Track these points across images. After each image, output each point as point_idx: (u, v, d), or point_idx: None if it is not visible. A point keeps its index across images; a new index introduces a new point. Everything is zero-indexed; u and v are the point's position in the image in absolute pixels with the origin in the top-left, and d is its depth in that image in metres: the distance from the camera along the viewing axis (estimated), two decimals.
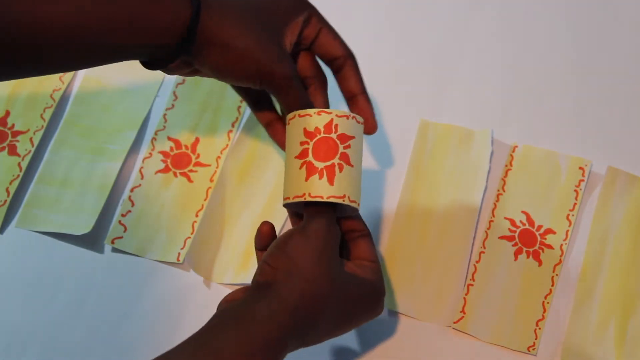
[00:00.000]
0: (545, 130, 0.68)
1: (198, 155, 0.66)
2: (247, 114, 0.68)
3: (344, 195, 0.48)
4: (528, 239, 0.63)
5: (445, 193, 0.64)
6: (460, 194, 0.64)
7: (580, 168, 0.65)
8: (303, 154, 0.49)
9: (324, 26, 0.53)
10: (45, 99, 0.67)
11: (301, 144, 0.49)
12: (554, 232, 0.63)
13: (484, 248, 0.62)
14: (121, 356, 0.58)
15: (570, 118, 0.69)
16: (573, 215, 0.64)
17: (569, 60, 0.72)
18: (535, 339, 0.59)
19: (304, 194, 0.48)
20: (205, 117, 0.67)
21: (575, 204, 0.64)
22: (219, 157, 0.66)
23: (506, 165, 0.66)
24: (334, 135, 0.49)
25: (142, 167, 0.65)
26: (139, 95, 0.68)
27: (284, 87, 0.49)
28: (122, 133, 0.66)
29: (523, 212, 0.64)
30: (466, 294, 0.60)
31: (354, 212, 0.51)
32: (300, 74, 0.53)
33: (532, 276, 0.61)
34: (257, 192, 0.64)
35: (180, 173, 0.65)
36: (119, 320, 0.60)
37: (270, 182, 0.65)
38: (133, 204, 0.63)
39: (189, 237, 0.62)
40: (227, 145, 0.66)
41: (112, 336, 0.59)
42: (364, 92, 0.53)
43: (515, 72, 0.71)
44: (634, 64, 0.72)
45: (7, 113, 0.67)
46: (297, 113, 0.50)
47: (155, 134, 0.66)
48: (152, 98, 0.68)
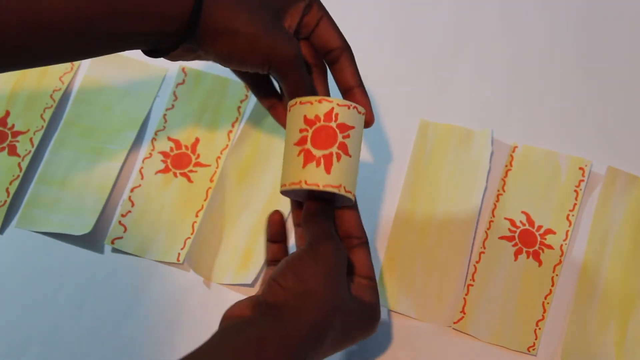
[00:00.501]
0: (545, 130, 0.68)
1: (198, 155, 0.66)
2: (247, 114, 0.68)
3: (340, 185, 0.48)
4: (528, 239, 0.63)
5: (445, 193, 0.64)
6: (460, 194, 0.64)
7: (580, 168, 0.65)
8: (302, 141, 0.49)
9: (324, 15, 0.52)
10: (45, 99, 0.67)
11: (300, 131, 0.49)
12: (554, 233, 0.63)
13: (484, 248, 0.62)
14: (121, 356, 0.58)
15: (570, 118, 0.69)
16: (573, 215, 0.64)
17: (569, 60, 0.72)
18: (535, 339, 0.59)
19: (300, 182, 0.48)
20: (205, 117, 0.67)
21: (575, 204, 0.64)
22: (219, 157, 0.66)
23: (506, 165, 0.66)
24: (333, 124, 0.48)
25: (142, 167, 0.65)
26: (139, 95, 0.68)
27: (291, 71, 0.49)
28: (122, 133, 0.66)
29: (523, 212, 0.64)
30: (466, 294, 0.60)
31: (348, 203, 0.50)
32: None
33: (532, 276, 0.61)
34: (257, 192, 0.64)
35: (180, 173, 0.65)
36: (119, 320, 0.60)
37: (270, 182, 0.65)
38: (133, 204, 0.63)
39: (189, 237, 0.62)
40: (227, 145, 0.66)
41: (112, 336, 0.59)
42: (361, 85, 0.53)
43: (515, 72, 0.71)
44: (634, 64, 0.72)
45: (7, 113, 0.67)
46: (298, 100, 0.50)
47: (155, 134, 0.66)
48: (152, 98, 0.68)
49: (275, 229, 0.52)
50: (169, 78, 0.69)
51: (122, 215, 0.63)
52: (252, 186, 0.65)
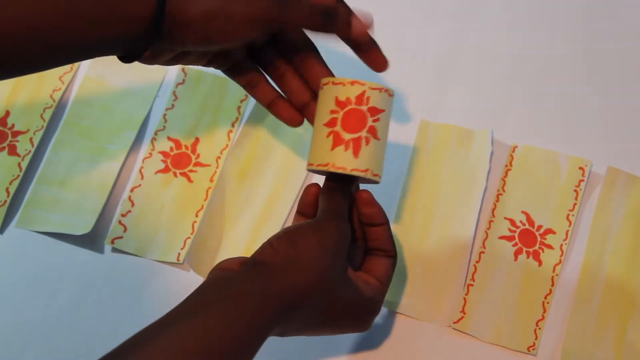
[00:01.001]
0: (545, 130, 0.68)
1: (198, 155, 0.66)
2: (247, 114, 0.68)
3: (368, 169, 0.49)
4: (528, 239, 0.63)
5: (445, 193, 0.64)
6: (460, 194, 0.64)
7: (580, 168, 0.65)
8: (331, 123, 0.49)
9: None
10: (45, 99, 0.67)
11: (331, 112, 0.49)
12: (554, 232, 0.63)
13: (484, 248, 0.62)
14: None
15: (570, 118, 0.69)
16: (573, 215, 0.63)
17: (569, 60, 0.72)
18: (535, 339, 0.59)
19: (327, 164, 0.49)
20: (205, 117, 0.67)
21: (575, 204, 0.64)
22: (219, 157, 0.66)
23: (506, 165, 0.66)
24: (364, 108, 0.49)
25: (142, 167, 0.65)
26: (139, 95, 0.68)
27: (280, 14, 0.47)
28: (122, 133, 0.66)
29: (523, 212, 0.64)
30: (466, 294, 0.60)
31: (374, 183, 0.51)
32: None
33: (532, 276, 0.61)
34: (257, 192, 0.64)
35: (180, 173, 0.65)
36: (119, 320, 0.60)
37: (270, 182, 0.65)
38: (133, 204, 0.63)
39: (189, 237, 0.62)
40: (227, 145, 0.66)
41: (112, 336, 0.59)
42: (372, 40, 0.53)
43: (515, 72, 0.71)
44: (634, 64, 0.71)
45: (7, 113, 0.67)
46: (331, 80, 0.50)
47: (155, 134, 0.66)
48: (152, 98, 0.68)
49: (308, 199, 0.51)
50: (169, 78, 0.69)
51: (122, 215, 0.63)
52: (252, 186, 0.65)
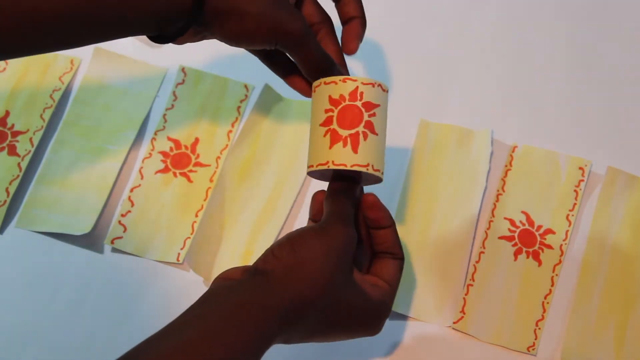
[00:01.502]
0: (545, 130, 0.68)
1: (198, 155, 0.66)
2: (246, 114, 0.68)
3: (368, 164, 0.48)
4: (528, 239, 0.63)
5: (445, 193, 0.64)
6: (460, 193, 0.64)
7: (580, 168, 0.65)
8: (327, 122, 0.49)
9: None
10: (45, 99, 0.67)
11: (326, 111, 0.49)
12: (554, 232, 0.63)
13: (484, 248, 0.62)
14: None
15: (570, 118, 0.69)
16: (573, 215, 0.64)
17: (569, 60, 0.72)
18: (535, 339, 0.59)
19: (327, 162, 0.48)
20: (205, 117, 0.67)
21: (575, 204, 0.64)
22: (218, 157, 0.66)
23: (506, 166, 0.66)
24: (359, 103, 0.49)
25: (142, 167, 0.65)
26: (139, 95, 0.68)
27: (299, 46, 0.49)
28: (122, 133, 0.66)
29: (523, 212, 0.64)
30: (466, 294, 0.60)
31: (377, 181, 0.51)
32: (307, 20, 0.52)
33: (532, 276, 0.61)
34: (257, 192, 0.64)
35: (180, 173, 0.65)
36: (119, 320, 0.60)
37: (270, 182, 0.65)
38: (133, 204, 0.63)
39: (189, 237, 0.62)
40: (227, 145, 0.66)
41: (112, 336, 0.59)
42: (362, 17, 0.53)
43: (515, 72, 0.71)
44: (633, 63, 0.72)
45: (7, 113, 0.67)
46: (322, 80, 0.50)
47: (155, 134, 0.66)
48: (152, 98, 0.68)
49: (317, 207, 0.51)
50: (169, 78, 0.69)
51: (122, 215, 0.63)
52: (252, 186, 0.65)
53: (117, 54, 0.70)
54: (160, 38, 0.49)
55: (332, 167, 0.48)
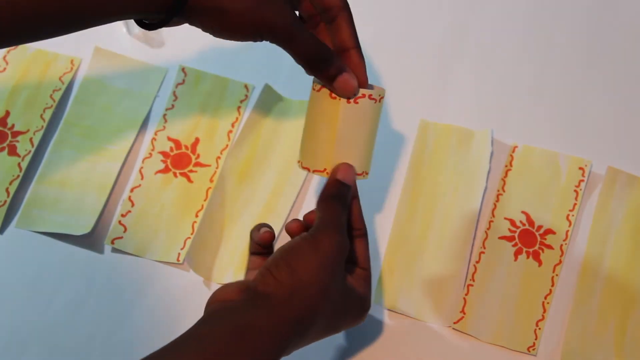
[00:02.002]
0: (545, 130, 0.68)
1: (198, 155, 0.66)
2: (247, 114, 0.68)
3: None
4: (528, 239, 0.63)
5: (445, 193, 0.64)
6: (460, 194, 0.64)
7: (580, 168, 0.65)
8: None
9: None
10: (45, 99, 0.67)
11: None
12: (554, 233, 0.63)
13: (484, 248, 0.62)
14: (121, 356, 0.58)
15: (570, 118, 0.69)
16: (573, 215, 0.63)
17: (569, 60, 0.72)
18: (535, 339, 0.59)
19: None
20: (205, 117, 0.67)
21: (575, 204, 0.64)
22: (219, 157, 0.66)
23: (506, 166, 0.66)
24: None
25: (142, 167, 0.65)
26: (139, 95, 0.68)
27: (286, 38, 0.48)
28: (122, 133, 0.66)
29: (523, 212, 0.64)
30: (466, 294, 0.60)
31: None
32: (325, 5, 0.50)
33: (532, 276, 0.61)
34: (257, 192, 0.64)
35: (180, 173, 0.65)
36: (119, 320, 0.60)
37: (270, 182, 0.65)
38: (133, 204, 0.63)
39: (189, 238, 0.62)
40: (227, 145, 0.66)
41: (112, 336, 0.59)
42: (357, 47, 0.51)
43: (515, 72, 0.71)
44: (633, 63, 0.72)
45: (7, 113, 0.67)
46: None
47: (155, 134, 0.66)
48: (152, 98, 0.68)
49: (259, 248, 0.51)
50: (169, 78, 0.69)
51: (122, 215, 0.63)
52: (252, 186, 0.65)
53: (117, 54, 0.70)
54: (143, 24, 0.49)
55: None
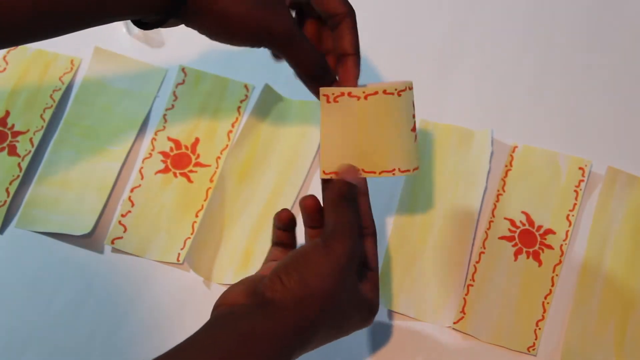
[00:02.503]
0: (545, 130, 0.68)
1: (198, 155, 0.66)
2: (247, 114, 0.68)
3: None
4: (528, 239, 0.63)
5: (445, 193, 0.64)
6: (460, 194, 0.64)
7: (580, 168, 0.65)
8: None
9: None
10: (45, 99, 0.67)
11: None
12: (554, 233, 0.63)
13: (484, 248, 0.62)
14: (121, 356, 0.58)
15: (570, 118, 0.69)
16: (573, 215, 0.63)
17: (569, 60, 0.72)
18: (535, 339, 0.59)
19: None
20: (205, 117, 0.67)
21: (575, 204, 0.64)
22: (219, 157, 0.66)
23: (506, 166, 0.66)
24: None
25: (142, 168, 0.65)
26: (139, 95, 0.68)
27: (285, 45, 0.48)
28: (122, 133, 0.66)
29: (523, 212, 0.64)
30: (466, 294, 0.60)
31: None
32: (331, 11, 0.50)
33: (532, 276, 0.61)
34: (257, 192, 0.64)
35: (180, 173, 0.65)
36: (119, 320, 0.60)
37: (270, 182, 0.65)
38: (133, 204, 0.63)
39: (189, 238, 0.62)
40: (227, 145, 0.66)
41: (112, 336, 0.59)
42: (356, 53, 0.50)
43: (515, 72, 0.71)
44: (633, 63, 0.72)
45: (7, 113, 0.67)
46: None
47: (155, 134, 0.66)
48: (152, 98, 0.68)
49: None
50: (169, 78, 0.69)
51: (122, 215, 0.63)
52: (252, 186, 0.65)
53: (117, 54, 0.70)
54: (140, 24, 0.49)
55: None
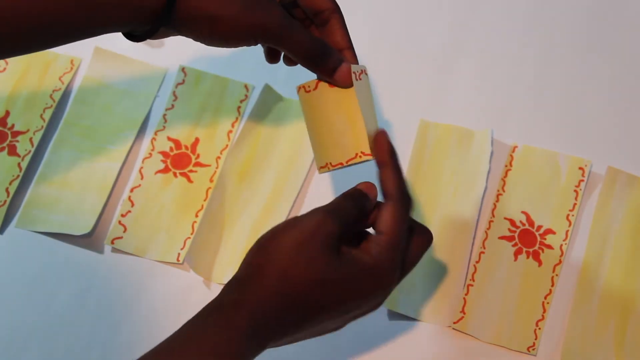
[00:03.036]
0: (545, 130, 0.68)
1: (198, 155, 0.66)
2: (247, 114, 0.68)
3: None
4: (528, 239, 0.63)
5: (445, 193, 0.64)
6: (460, 194, 0.64)
7: (580, 168, 0.65)
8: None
9: None
10: (45, 99, 0.67)
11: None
12: (554, 233, 0.63)
13: (484, 248, 0.62)
14: (121, 356, 0.58)
15: (570, 118, 0.69)
16: (573, 215, 0.64)
17: (569, 60, 0.72)
18: (535, 339, 0.59)
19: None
20: (205, 117, 0.67)
21: (575, 204, 0.64)
22: (218, 157, 0.66)
23: (506, 166, 0.66)
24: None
25: (142, 167, 0.65)
26: (139, 95, 0.68)
27: (280, 37, 0.48)
28: (122, 133, 0.66)
29: (523, 212, 0.64)
30: (466, 294, 0.60)
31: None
32: (316, 8, 0.50)
33: (532, 276, 0.61)
34: (257, 192, 0.64)
35: (180, 173, 0.65)
36: (119, 320, 0.60)
37: (270, 182, 0.65)
38: (133, 204, 0.63)
39: (189, 238, 0.62)
40: (227, 145, 0.66)
41: (112, 336, 0.59)
42: (351, 47, 0.51)
43: (515, 72, 0.71)
44: (633, 63, 0.71)
45: (7, 113, 0.67)
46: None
47: (155, 134, 0.66)
48: (152, 98, 0.68)
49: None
50: (169, 78, 0.69)
51: (122, 215, 0.63)
52: (252, 186, 0.65)
53: (117, 54, 0.70)
54: (131, 36, 0.49)
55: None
